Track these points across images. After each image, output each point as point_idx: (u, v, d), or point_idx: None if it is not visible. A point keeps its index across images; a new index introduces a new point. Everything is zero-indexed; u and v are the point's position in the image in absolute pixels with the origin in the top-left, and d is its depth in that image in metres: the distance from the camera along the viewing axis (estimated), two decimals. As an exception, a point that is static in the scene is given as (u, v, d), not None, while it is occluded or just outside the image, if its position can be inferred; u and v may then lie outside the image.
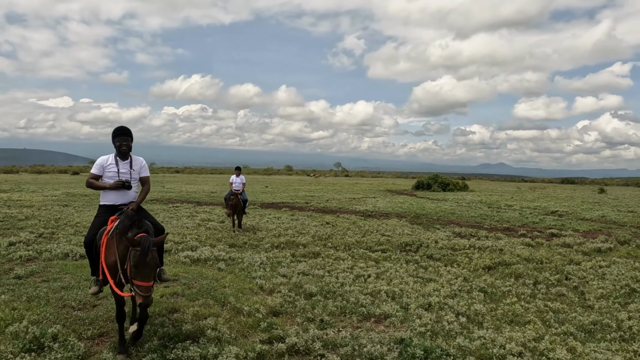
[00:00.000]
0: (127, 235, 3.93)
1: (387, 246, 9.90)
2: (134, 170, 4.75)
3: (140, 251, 3.78)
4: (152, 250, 3.86)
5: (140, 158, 4.91)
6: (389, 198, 25.28)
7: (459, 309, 5.47)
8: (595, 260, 8.55)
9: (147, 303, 3.84)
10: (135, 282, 3.81)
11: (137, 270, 3.80)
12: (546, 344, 4.40)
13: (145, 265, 3.79)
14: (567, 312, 5.58)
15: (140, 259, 3.77)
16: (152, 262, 3.85)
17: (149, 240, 3.87)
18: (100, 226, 4.52)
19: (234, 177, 12.64)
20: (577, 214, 17.34)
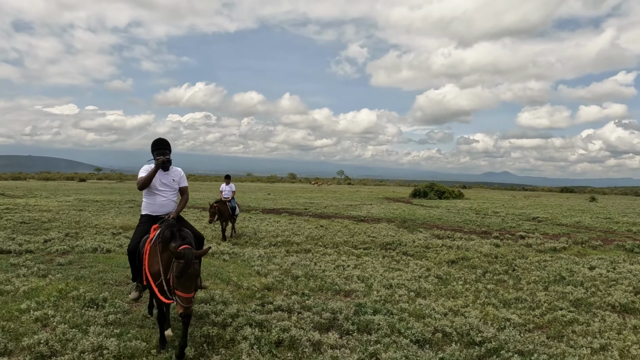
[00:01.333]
0: (170, 247, 4.08)
1: (370, 245, 11.49)
2: (173, 181, 5.05)
3: (184, 264, 3.92)
4: (194, 262, 4.01)
5: (179, 169, 5.19)
6: (384, 205, 26.84)
7: (411, 287, 7.06)
8: (544, 256, 10.11)
9: (187, 313, 3.97)
10: (177, 292, 3.96)
11: (179, 281, 3.94)
12: (467, 308, 5.98)
13: (187, 277, 3.93)
14: (498, 291, 7.15)
15: (182, 271, 3.91)
16: (194, 274, 4.00)
17: (192, 253, 4.00)
18: (143, 234, 4.78)
19: (223, 186, 13.28)
20: (555, 220, 18.85)
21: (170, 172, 5.04)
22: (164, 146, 4.93)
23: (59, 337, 4.49)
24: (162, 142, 4.97)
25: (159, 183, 4.93)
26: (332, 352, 4.38)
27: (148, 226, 4.81)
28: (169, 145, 5.01)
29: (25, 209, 18.98)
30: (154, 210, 4.99)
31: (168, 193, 5.00)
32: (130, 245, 4.87)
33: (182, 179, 5.16)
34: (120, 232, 12.62)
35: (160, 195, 4.96)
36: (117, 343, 4.33)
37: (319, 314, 5.50)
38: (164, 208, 4.98)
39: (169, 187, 5.00)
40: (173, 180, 5.04)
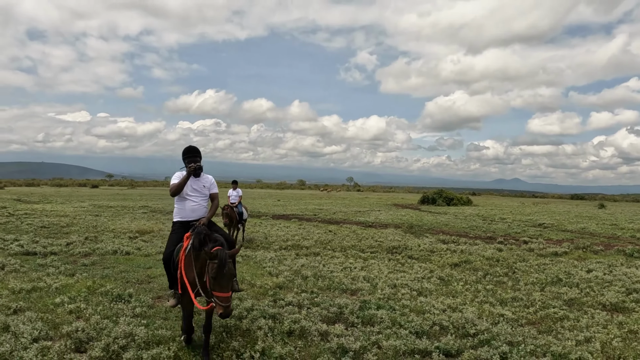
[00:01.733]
0: (204, 249, 4.25)
1: (376, 249, 11.95)
2: (204, 187, 5.18)
3: (218, 263, 4.08)
4: (228, 261, 4.17)
5: (210, 176, 5.33)
6: (392, 211, 27.26)
7: (414, 287, 7.52)
8: (544, 260, 10.52)
9: (227, 313, 4.05)
10: (214, 293, 4.09)
11: (215, 281, 4.08)
12: (464, 306, 6.43)
13: (222, 276, 4.08)
14: (497, 291, 7.58)
15: (218, 271, 4.06)
16: (229, 273, 4.14)
17: (225, 253, 4.17)
18: (177, 242, 4.92)
19: (231, 191, 13.50)
20: (561, 226, 19.16)
21: (201, 178, 5.18)
22: (195, 153, 5.09)
23: (93, 326, 5.03)
24: (193, 149, 5.13)
25: (190, 189, 5.08)
26: (337, 340, 4.87)
27: (181, 233, 4.95)
28: (200, 152, 5.16)
29: (43, 214, 19.69)
30: (185, 215, 5.11)
31: (198, 198, 5.12)
32: (165, 254, 4.96)
33: (212, 185, 5.29)
34: (137, 236, 13.18)
35: (190, 200, 5.08)
36: (145, 331, 4.86)
37: (327, 308, 5.99)
38: (195, 213, 5.11)
39: (200, 192, 5.13)
40: (204, 186, 5.17)
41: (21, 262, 8.81)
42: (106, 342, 4.54)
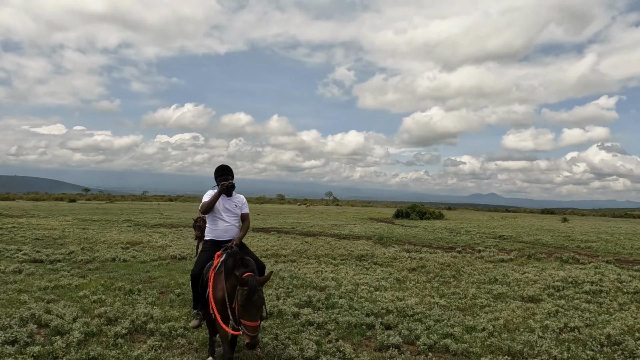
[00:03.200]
0: (235, 274, 4.18)
1: (347, 257, 13.61)
2: (236, 206, 5.23)
3: (248, 290, 4.01)
4: (258, 289, 4.08)
5: (242, 196, 5.39)
6: (367, 225, 28.99)
7: (372, 284, 9.21)
8: (489, 265, 12.33)
9: (254, 343, 3.97)
10: (242, 321, 4.01)
11: (244, 309, 4.00)
12: (410, 297, 8.13)
13: (252, 304, 4.00)
14: (440, 288, 9.30)
15: (247, 299, 3.99)
16: (259, 301, 4.06)
17: (255, 280, 4.09)
18: (207, 261, 4.93)
19: None
20: (518, 238, 21.12)
21: (233, 197, 5.26)
22: (227, 172, 5.17)
23: (117, 309, 6.57)
24: (225, 168, 5.21)
25: (222, 208, 5.14)
26: (306, 317, 6.51)
27: (212, 252, 4.99)
28: (232, 171, 5.23)
29: (31, 228, 20.80)
30: (218, 235, 5.17)
31: (231, 218, 5.18)
32: (194, 271, 4.99)
33: (244, 205, 5.36)
34: (128, 247, 14.55)
35: (223, 220, 5.14)
36: (160, 312, 6.43)
37: (299, 298, 7.63)
38: (228, 233, 5.17)
39: (232, 212, 5.20)
40: (235, 205, 5.24)
41: (34, 267, 10.21)
42: (131, 318, 6.10)
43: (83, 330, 5.62)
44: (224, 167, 5.22)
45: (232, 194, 5.25)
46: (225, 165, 5.26)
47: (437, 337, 5.86)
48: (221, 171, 5.19)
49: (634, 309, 7.81)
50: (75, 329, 5.65)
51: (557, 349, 5.51)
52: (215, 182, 5.22)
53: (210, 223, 5.26)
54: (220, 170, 5.21)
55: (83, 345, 5.21)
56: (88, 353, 4.94)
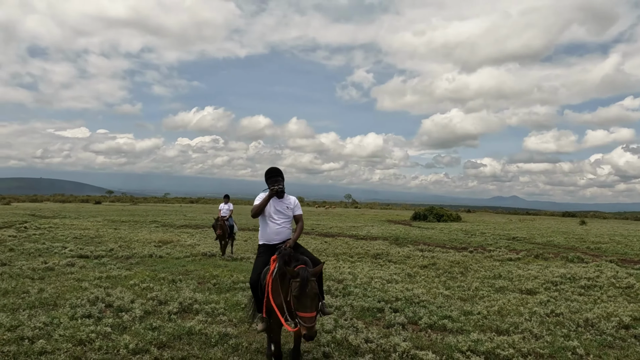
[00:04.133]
0: (287, 268, 4.31)
1: (363, 255, 14.72)
2: (287, 208, 5.24)
3: (300, 282, 4.11)
4: (310, 280, 4.17)
5: (293, 197, 5.38)
6: (384, 226, 30.00)
7: (385, 278, 10.30)
8: (496, 263, 13.30)
9: (311, 334, 4.05)
10: (298, 313, 4.10)
11: (298, 301, 4.11)
12: (418, 289, 9.20)
13: (305, 295, 4.09)
14: (448, 282, 10.34)
15: (300, 290, 4.09)
16: (312, 292, 4.14)
17: (307, 271, 4.20)
18: (263, 266, 4.98)
19: (222, 205, 14.54)
20: (531, 239, 21.92)
21: (284, 199, 5.27)
22: (278, 174, 5.17)
23: (165, 294, 7.81)
24: (276, 170, 5.20)
25: (273, 210, 5.19)
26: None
27: (267, 257, 5.04)
28: (282, 173, 5.23)
29: (67, 228, 22.37)
30: (270, 238, 5.23)
31: (282, 220, 5.21)
32: (252, 278, 5.06)
33: (296, 206, 5.36)
34: (160, 245, 15.87)
35: (274, 222, 5.19)
36: (202, 296, 7.65)
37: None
38: (280, 235, 5.20)
39: (283, 214, 5.22)
40: (287, 207, 5.27)
41: (83, 262, 11.55)
42: (179, 300, 7.33)
43: (142, 308, 6.86)
44: (274, 170, 5.22)
45: (283, 196, 5.25)
46: (275, 167, 5.25)
47: (437, 318, 6.95)
48: (272, 174, 5.19)
49: (621, 300, 8.76)
50: (135, 307, 6.90)
51: (538, 328, 6.55)
52: (266, 184, 5.23)
53: (262, 226, 5.33)
54: (270, 173, 5.22)
55: (144, 320, 6.43)
56: (150, 324, 6.17)
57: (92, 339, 5.54)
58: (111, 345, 5.38)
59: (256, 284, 4.94)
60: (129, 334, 5.81)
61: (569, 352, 5.60)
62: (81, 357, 5.06)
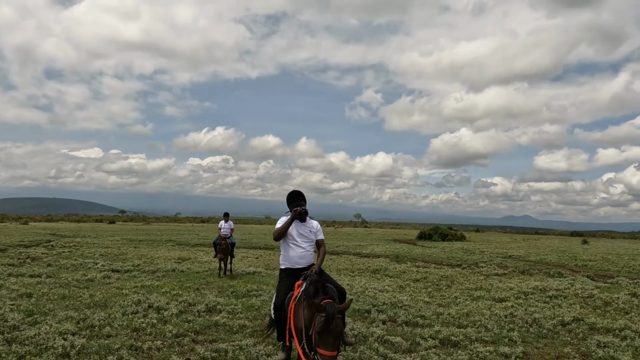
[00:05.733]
0: (313, 300, 4.10)
1: (364, 270, 16.49)
2: (310, 232, 5.18)
3: (325, 317, 3.90)
4: (337, 317, 3.95)
5: (315, 221, 5.35)
6: (389, 245, 31.65)
7: (378, 289, 12.07)
8: (480, 277, 14.99)
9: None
10: (319, 350, 3.90)
11: (321, 337, 3.90)
12: (403, 296, 10.96)
13: (329, 332, 3.88)
14: (432, 292, 12.07)
15: (324, 326, 3.88)
16: (337, 329, 3.92)
17: (334, 307, 4.00)
18: (287, 291, 4.84)
19: (222, 223, 14.80)
20: (525, 258, 23.49)
21: (307, 223, 5.24)
22: (300, 197, 5.17)
23: (193, 298, 9.68)
24: (298, 193, 5.22)
25: (296, 234, 5.15)
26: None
27: (290, 281, 4.97)
28: (304, 196, 5.22)
29: (90, 246, 24.35)
30: (294, 262, 5.19)
31: (305, 244, 5.17)
32: (276, 303, 4.95)
33: (319, 231, 5.35)
34: (180, 261, 17.74)
35: (297, 246, 5.14)
36: (224, 300, 9.51)
37: (320, 295, 10.59)
38: (303, 260, 5.19)
39: (306, 238, 5.19)
40: (310, 231, 5.23)
41: (116, 275, 13.46)
42: (205, 302, 9.21)
43: (176, 308, 8.75)
44: (296, 193, 5.25)
45: (305, 219, 5.23)
46: (297, 190, 5.27)
47: (412, 317, 8.74)
48: (294, 197, 5.23)
49: (576, 306, 10.44)
50: (171, 307, 8.78)
51: (491, 325, 8.31)
52: (288, 208, 5.25)
53: (284, 250, 5.29)
54: (292, 196, 5.25)
55: (179, 316, 8.31)
56: (185, 318, 8.06)
57: (143, 327, 7.42)
58: (158, 331, 7.26)
59: (280, 309, 4.84)
60: (170, 324, 7.69)
61: (506, 339, 7.37)
62: (137, 339, 6.92)
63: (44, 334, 6.72)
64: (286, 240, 5.25)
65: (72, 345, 6.24)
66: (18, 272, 13.20)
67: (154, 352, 6.29)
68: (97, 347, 6.32)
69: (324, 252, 5.41)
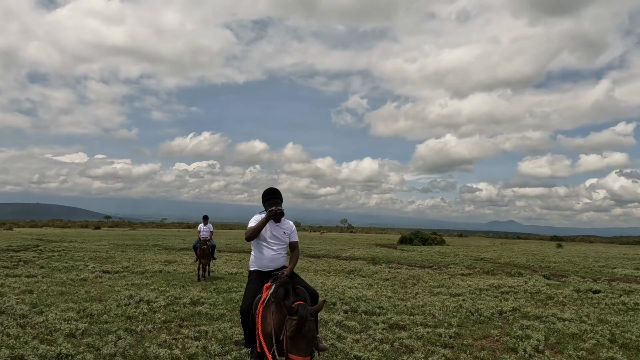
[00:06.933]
0: (284, 302, 3.95)
1: (339, 271, 17.82)
2: (284, 234, 4.94)
3: (297, 320, 3.76)
4: (309, 320, 3.83)
5: (291, 222, 5.07)
6: (369, 249, 33.05)
7: (348, 286, 13.40)
8: (445, 276, 16.41)
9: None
10: (290, 355, 3.76)
11: (292, 342, 3.77)
12: (369, 292, 12.30)
13: (301, 336, 3.75)
14: (397, 289, 13.42)
15: (296, 330, 3.74)
16: (309, 334, 3.82)
17: (306, 309, 3.85)
18: (255, 294, 4.63)
19: (202, 226, 15.15)
20: (496, 260, 25.00)
21: (281, 224, 5.01)
22: (276, 196, 4.93)
23: (179, 293, 10.94)
24: (274, 191, 4.97)
25: (269, 235, 4.92)
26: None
27: (259, 284, 4.74)
28: (281, 195, 4.97)
29: (78, 250, 25.37)
30: (264, 265, 4.96)
31: (278, 246, 4.96)
32: (243, 307, 4.74)
33: (293, 233, 5.11)
34: (167, 264, 18.90)
35: (269, 248, 4.92)
36: (206, 294, 10.78)
37: (293, 291, 11.90)
38: (274, 262, 4.95)
39: (279, 240, 4.97)
40: (284, 232, 5.00)
41: (107, 275, 14.63)
42: (190, 296, 10.49)
43: (164, 301, 10.01)
44: (272, 191, 5.03)
45: (280, 220, 4.96)
46: (273, 188, 5.06)
47: (371, 307, 10.08)
48: (269, 195, 5.01)
49: (522, 301, 11.85)
50: (160, 300, 10.05)
51: (438, 313, 9.69)
52: (263, 206, 5.01)
53: (256, 251, 5.10)
54: (268, 193, 5.03)
55: (167, 307, 9.57)
56: (172, 309, 9.33)
57: (136, 315, 8.68)
58: (149, 318, 8.52)
59: (247, 313, 4.66)
60: (159, 313, 8.96)
61: (446, 324, 8.74)
62: (131, 324, 8.16)
63: (51, 320, 7.96)
64: (258, 241, 5.00)
65: (77, 328, 7.49)
66: (14, 274, 14.30)
67: (146, 333, 7.55)
68: (97, 329, 7.58)
69: (297, 254, 5.20)
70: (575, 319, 9.34)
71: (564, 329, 8.42)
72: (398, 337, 7.66)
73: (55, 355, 6.19)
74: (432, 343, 7.43)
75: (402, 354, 6.85)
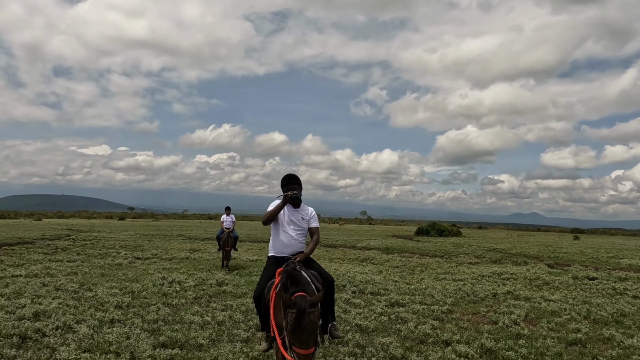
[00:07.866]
0: (283, 294, 3.87)
1: (353, 259, 19.08)
2: (302, 219, 4.98)
3: (296, 313, 3.66)
4: (309, 312, 3.69)
5: (311, 208, 5.10)
6: (386, 240, 34.20)
7: (359, 272, 14.65)
8: (452, 264, 17.53)
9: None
10: (294, 348, 3.70)
11: (293, 335, 3.70)
12: (377, 276, 13.52)
13: (301, 329, 3.65)
14: (404, 275, 14.61)
15: (296, 323, 3.65)
16: (310, 326, 3.68)
17: (305, 301, 3.73)
18: (269, 279, 4.66)
19: (224, 217, 15.79)
20: (508, 250, 25.94)
21: (300, 209, 5.02)
22: (294, 181, 4.96)
23: (205, 276, 12.34)
24: (292, 177, 5.01)
25: (287, 220, 4.95)
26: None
27: (274, 269, 4.74)
28: (299, 180, 5.00)
29: (108, 239, 27.10)
30: (279, 250, 5.00)
31: (295, 232, 4.96)
32: (256, 292, 4.80)
33: (312, 218, 5.11)
34: (192, 252, 20.39)
35: (286, 233, 4.93)
36: (230, 277, 12.17)
37: (308, 275, 13.22)
38: (289, 248, 4.94)
39: (297, 225, 4.98)
40: (302, 218, 5.00)
41: (139, 261, 16.14)
42: (216, 278, 11.87)
43: (193, 282, 11.41)
44: (290, 177, 5.08)
45: (299, 205, 5.02)
46: (292, 174, 5.10)
47: (377, 289, 11.31)
48: (287, 180, 5.05)
49: (519, 286, 12.93)
50: (189, 281, 11.46)
51: (437, 295, 10.87)
52: (282, 191, 5.05)
53: (273, 236, 5.14)
54: (286, 179, 5.08)
55: (196, 287, 10.96)
56: (201, 288, 10.74)
57: (170, 293, 10.10)
58: (182, 295, 9.93)
59: (260, 298, 4.70)
60: (190, 291, 10.37)
61: (442, 302, 9.93)
62: (167, 299, 9.55)
63: (100, 295, 9.43)
64: (276, 225, 5.05)
65: (122, 301, 8.93)
66: (56, 259, 15.92)
67: (180, 306, 8.96)
68: (139, 302, 9.02)
69: (316, 240, 5.12)
70: (561, 301, 10.44)
71: (545, 308, 9.56)
72: (396, 311, 8.90)
73: (109, 319, 7.60)
74: (424, 316, 8.66)
75: (397, 323, 8.09)
